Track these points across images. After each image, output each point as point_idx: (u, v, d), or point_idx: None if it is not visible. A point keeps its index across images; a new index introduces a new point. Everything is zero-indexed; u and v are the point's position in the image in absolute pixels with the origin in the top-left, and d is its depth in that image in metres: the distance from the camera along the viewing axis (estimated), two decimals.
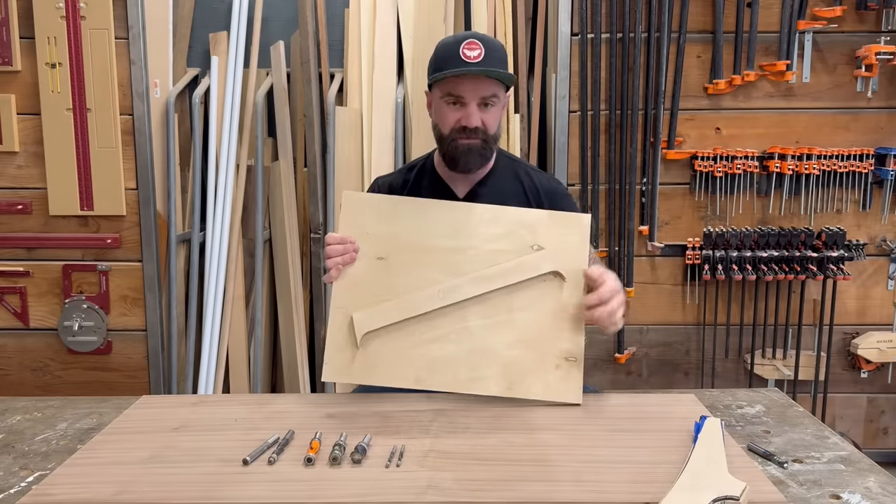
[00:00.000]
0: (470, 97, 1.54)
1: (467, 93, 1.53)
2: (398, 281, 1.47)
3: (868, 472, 1.20)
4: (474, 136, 1.55)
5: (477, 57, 1.51)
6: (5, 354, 2.61)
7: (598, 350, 2.69)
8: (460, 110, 1.55)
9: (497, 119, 1.59)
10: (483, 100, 1.54)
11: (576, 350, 1.44)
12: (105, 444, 1.28)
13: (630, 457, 1.20)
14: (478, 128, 1.55)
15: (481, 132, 1.56)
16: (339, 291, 1.47)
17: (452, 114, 1.56)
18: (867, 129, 2.56)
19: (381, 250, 1.48)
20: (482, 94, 1.54)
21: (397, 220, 1.50)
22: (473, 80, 1.52)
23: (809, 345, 2.66)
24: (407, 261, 1.48)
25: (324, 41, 2.62)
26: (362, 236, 1.48)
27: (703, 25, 2.52)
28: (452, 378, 1.43)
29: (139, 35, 2.44)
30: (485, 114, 1.55)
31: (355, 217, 1.50)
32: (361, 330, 1.44)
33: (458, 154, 1.58)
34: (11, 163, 2.51)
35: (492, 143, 1.60)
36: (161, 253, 2.57)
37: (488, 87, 1.53)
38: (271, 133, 2.73)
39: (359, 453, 1.19)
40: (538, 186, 1.70)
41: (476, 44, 1.52)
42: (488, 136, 1.57)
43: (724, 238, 2.56)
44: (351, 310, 1.46)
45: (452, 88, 1.54)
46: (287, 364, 2.67)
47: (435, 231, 1.49)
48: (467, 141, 1.56)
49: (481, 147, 1.57)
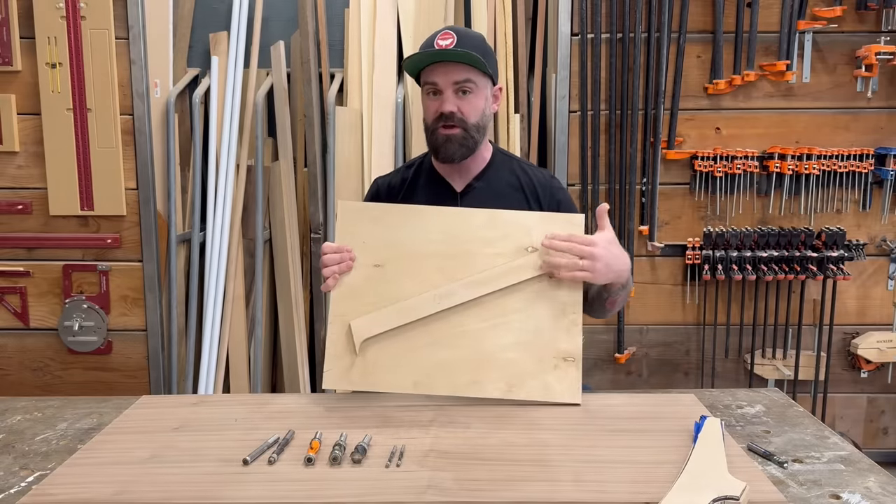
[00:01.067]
0: (443, 83, 1.56)
1: (439, 78, 1.56)
2: (395, 287, 1.47)
3: (868, 472, 1.20)
4: (452, 125, 1.57)
5: (448, 45, 1.55)
6: (5, 354, 2.61)
7: (598, 350, 2.69)
8: (438, 100, 1.58)
9: (477, 108, 1.60)
10: (457, 86, 1.56)
11: (573, 350, 1.44)
12: (105, 444, 1.28)
13: (630, 457, 1.20)
14: (454, 114, 1.56)
15: (459, 120, 1.57)
16: (337, 299, 1.49)
17: (432, 104, 1.59)
18: (867, 129, 2.56)
19: (378, 258, 1.49)
20: (454, 78, 1.56)
21: (393, 228, 1.51)
22: (445, 65, 1.55)
23: (809, 345, 2.66)
24: (403, 267, 1.49)
25: (324, 41, 2.62)
26: (359, 245, 1.49)
27: (703, 25, 2.52)
28: (451, 382, 1.43)
29: (139, 35, 2.44)
30: (461, 101, 1.57)
31: (351, 226, 1.51)
32: (360, 337, 1.45)
33: (438, 144, 1.60)
34: (11, 163, 2.51)
35: (473, 133, 1.60)
36: (161, 253, 2.57)
37: (460, 72, 1.55)
38: (271, 133, 2.73)
39: (359, 453, 1.19)
40: (534, 181, 1.71)
41: (449, 34, 1.57)
42: (467, 125, 1.58)
43: (724, 238, 2.56)
44: (349, 317, 1.47)
45: (427, 77, 1.58)
46: (287, 364, 2.67)
47: (430, 237, 1.50)
48: (447, 131, 1.58)
49: (461, 136, 1.59)
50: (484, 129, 1.65)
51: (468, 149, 1.62)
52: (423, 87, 1.61)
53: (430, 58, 1.56)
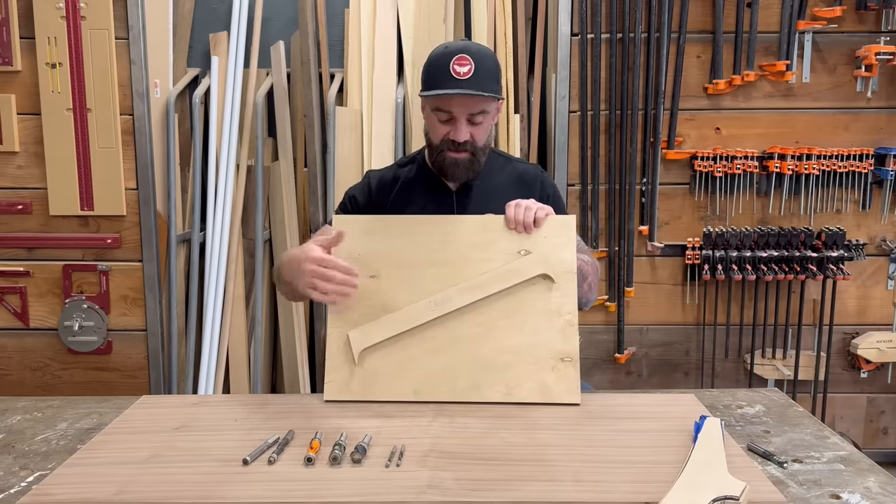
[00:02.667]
0: (458, 113, 1.55)
1: (455, 109, 1.55)
2: (391, 297, 1.49)
3: (868, 472, 1.20)
4: (462, 150, 1.58)
5: (467, 73, 1.52)
6: (5, 354, 2.61)
7: (598, 350, 2.69)
8: (449, 125, 1.58)
9: (486, 131, 1.62)
10: (471, 116, 1.56)
11: (571, 350, 1.45)
12: (105, 444, 1.28)
13: (630, 457, 1.20)
14: (466, 141, 1.57)
15: (469, 145, 1.58)
16: (334, 312, 1.50)
17: (442, 127, 1.59)
18: (867, 129, 2.56)
19: (373, 269, 1.50)
20: (470, 110, 1.55)
21: (386, 238, 1.52)
22: (462, 97, 1.53)
23: (809, 345, 2.66)
24: (398, 277, 1.50)
25: (324, 41, 2.62)
26: (353, 259, 1.49)
27: (703, 25, 2.52)
28: (451, 388, 1.44)
29: (139, 35, 2.44)
30: (473, 128, 1.58)
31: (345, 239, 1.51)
32: (358, 347, 1.46)
33: (445, 166, 1.62)
34: (11, 163, 2.51)
35: (480, 156, 1.63)
36: (161, 253, 2.57)
37: (477, 104, 1.55)
38: (271, 133, 2.73)
39: (359, 453, 1.20)
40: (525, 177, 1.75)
41: (466, 59, 1.52)
42: (476, 149, 1.60)
43: (724, 238, 2.56)
44: (347, 328, 1.48)
45: (441, 105, 1.56)
46: (287, 364, 2.67)
47: (424, 245, 1.51)
48: (455, 155, 1.59)
49: (469, 160, 1.60)
50: (489, 146, 1.67)
51: (473, 171, 1.64)
52: (434, 109, 1.59)
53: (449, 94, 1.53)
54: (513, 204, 1.50)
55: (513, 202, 1.50)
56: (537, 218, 1.47)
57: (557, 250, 1.48)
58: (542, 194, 1.71)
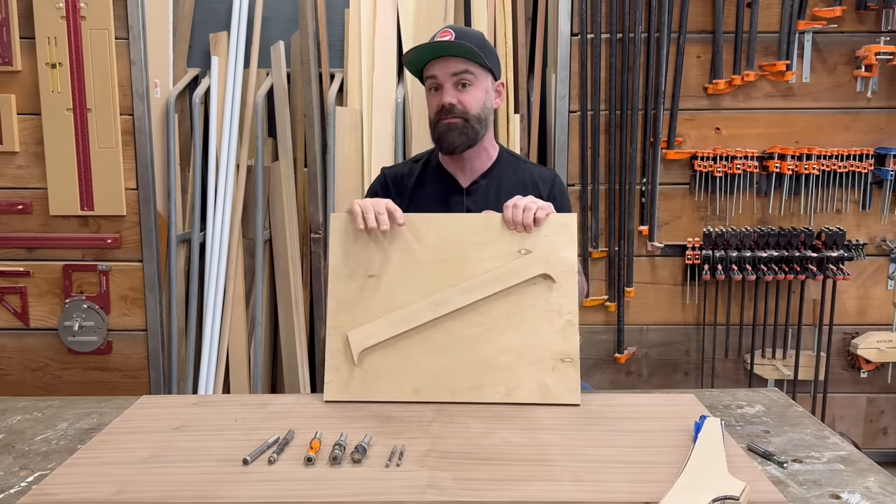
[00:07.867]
0: (441, 76, 1.62)
1: (438, 71, 1.63)
2: (390, 297, 1.48)
3: (868, 472, 1.20)
4: (453, 115, 1.62)
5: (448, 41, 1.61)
6: (5, 354, 2.61)
7: (598, 350, 2.69)
8: (439, 94, 1.64)
9: (477, 99, 1.65)
10: (456, 78, 1.62)
11: (571, 350, 1.44)
12: (105, 444, 1.28)
13: (630, 457, 1.20)
14: (454, 106, 1.62)
15: (460, 111, 1.62)
16: (333, 311, 1.50)
17: (433, 98, 1.66)
18: (867, 129, 2.56)
19: (372, 268, 1.50)
20: (452, 70, 1.62)
21: (386, 238, 1.51)
22: (443, 59, 1.62)
23: (809, 345, 2.66)
24: (398, 276, 1.49)
25: (324, 41, 2.62)
26: (353, 258, 1.49)
27: (703, 25, 2.52)
28: (451, 388, 1.44)
29: (139, 35, 2.44)
30: (461, 93, 1.63)
31: (344, 238, 1.51)
32: (357, 348, 1.46)
33: (441, 134, 1.65)
34: (11, 163, 2.51)
35: (474, 123, 1.65)
36: (161, 253, 2.57)
37: (457, 63, 1.62)
38: (271, 133, 2.73)
39: (359, 453, 1.20)
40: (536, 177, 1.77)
41: (447, 31, 1.64)
42: (468, 116, 1.63)
43: (724, 238, 2.56)
44: (346, 328, 1.48)
45: (427, 72, 1.65)
46: (287, 364, 2.67)
47: (422, 244, 1.51)
48: (447, 120, 1.63)
49: (462, 126, 1.63)
50: (485, 122, 1.68)
51: (469, 138, 1.64)
52: (426, 83, 1.66)
53: (427, 53, 1.62)
54: (510, 205, 1.49)
55: (510, 202, 1.49)
56: (537, 217, 1.47)
57: (558, 249, 1.48)
58: (550, 196, 1.72)
